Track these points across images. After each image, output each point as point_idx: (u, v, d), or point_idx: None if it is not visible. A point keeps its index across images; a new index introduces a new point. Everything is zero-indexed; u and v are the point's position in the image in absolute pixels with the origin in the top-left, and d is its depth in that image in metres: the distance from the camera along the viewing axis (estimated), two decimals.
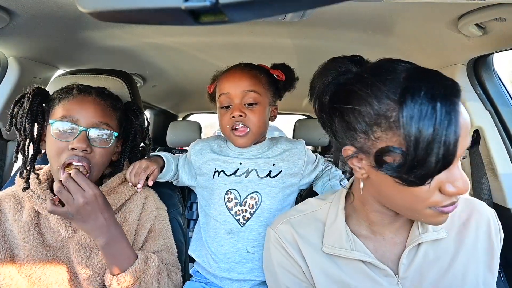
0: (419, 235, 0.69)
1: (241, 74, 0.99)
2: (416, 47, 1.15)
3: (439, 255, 0.71)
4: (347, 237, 0.72)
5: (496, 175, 1.10)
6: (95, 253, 0.89)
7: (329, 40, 1.24)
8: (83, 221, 0.79)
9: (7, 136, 1.28)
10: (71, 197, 0.77)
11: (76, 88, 0.91)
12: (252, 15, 0.24)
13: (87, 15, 0.25)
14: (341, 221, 0.74)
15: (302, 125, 2.40)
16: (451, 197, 0.58)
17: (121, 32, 1.19)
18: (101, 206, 0.81)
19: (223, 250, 1.00)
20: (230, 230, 1.00)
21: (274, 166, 1.04)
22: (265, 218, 1.00)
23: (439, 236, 0.69)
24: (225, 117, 0.99)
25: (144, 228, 0.96)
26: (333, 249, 0.72)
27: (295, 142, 1.11)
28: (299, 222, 0.79)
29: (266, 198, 1.01)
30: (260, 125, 1.00)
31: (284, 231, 0.79)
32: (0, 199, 0.92)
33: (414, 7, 0.88)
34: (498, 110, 1.13)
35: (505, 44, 0.95)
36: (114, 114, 0.94)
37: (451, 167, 0.54)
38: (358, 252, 0.71)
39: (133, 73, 1.77)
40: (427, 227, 0.70)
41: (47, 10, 0.90)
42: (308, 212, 0.80)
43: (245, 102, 0.97)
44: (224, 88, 0.99)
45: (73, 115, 0.86)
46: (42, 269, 0.86)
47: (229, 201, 1.01)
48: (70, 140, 0.84)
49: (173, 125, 2.47)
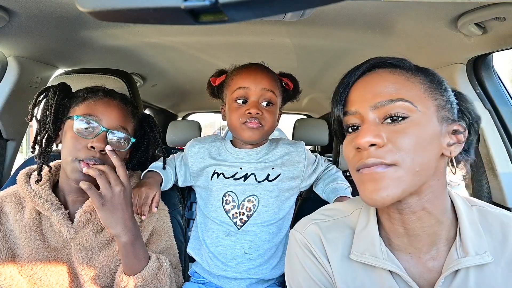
0: (458, 259, 0.59)
1: (262, 72, 1.00)
2: (416, 46, 1.15)
3: (482, 284, 0.59)
4: (379, 245, 0.64)
5: (495, 175, 1.10)
6: (96, 255, 0.89)
7: (328, 40, 1.24)
8: (112, 211, 0.78)
9: (6, 135, 1.28)
10: (109, 184, 0.78)
11: (102, 90, 0.94)
12: (252, 15, 0.24)
13: (87, 14, 0.25)
14: (373, 227, 0.66)
15: (302, 124, 2.40)
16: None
17: (120, 32, 1.19)
18: (129, 200, 0.83)
19: (221, 250, 1.00)
20: (227, 231, 1.00)
21: (273, 170, 1.04)
22: (262, 221, 1.00)
23: (483, 261, 0.58)
24: (239, 111, 0.98)
25: (146, 230, 0.96)
26: (362, 256, 0.65)
27: (295, 144, 1.11)
28: (328, 227, 0.72)
29: (263, 201, 1.01)
30: (272, 125, 1.01)
31: (313, 234, 0.72)
32: (1, 199, 0.91)
33: (413, 6, 0.88)
34: (497, 110, 1.13)
35: (505, 43, 0.95)
36: (133, 121, 0.97)
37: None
38: (390, 263, 0.62)
39: (133, 72, 1.77)
40: (467, 249, 0.59)
41: (46, 10, 0.90)
42: (338, 218, 0.73)
43: (262, 101, 0.99)
44: (244, 82, 0.99)
45: (97, 114, 0.87)
46: (43, 269, 0.86)
47: (227, 204, 1.01)
48: (90, 138, 0.85)
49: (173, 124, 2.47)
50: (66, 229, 0.86)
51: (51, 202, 0.87)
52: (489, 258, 0.59)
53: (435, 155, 0.58)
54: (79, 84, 1.02)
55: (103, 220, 0.79)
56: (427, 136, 0.56)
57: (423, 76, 0.61)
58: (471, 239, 0.60)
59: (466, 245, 0.59)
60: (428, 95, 0.59)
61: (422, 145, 0.56)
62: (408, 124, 0.56)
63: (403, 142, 0.55)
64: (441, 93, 0.60)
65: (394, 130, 0.56)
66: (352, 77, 0.63)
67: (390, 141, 0.56)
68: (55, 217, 0.86)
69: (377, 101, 0.58)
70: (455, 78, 1.15)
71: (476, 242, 0.60)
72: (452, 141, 0.60)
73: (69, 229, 0.87)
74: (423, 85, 0.59)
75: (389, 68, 0.61)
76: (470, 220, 0.62)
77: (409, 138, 0.55)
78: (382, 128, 0.57)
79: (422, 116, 0.57)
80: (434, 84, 0.61)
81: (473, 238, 0.60)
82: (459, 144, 0.61)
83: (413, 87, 0.59)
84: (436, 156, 0.58)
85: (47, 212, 0.87)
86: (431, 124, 0.57)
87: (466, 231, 0.60)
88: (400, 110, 0.56)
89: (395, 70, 0.61)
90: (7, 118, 1.24)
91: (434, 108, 0.59)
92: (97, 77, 1.09)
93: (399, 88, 0.58)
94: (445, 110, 0.60)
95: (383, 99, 0.57)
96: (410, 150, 0.55)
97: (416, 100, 0.57)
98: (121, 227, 0.80)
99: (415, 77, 0.60)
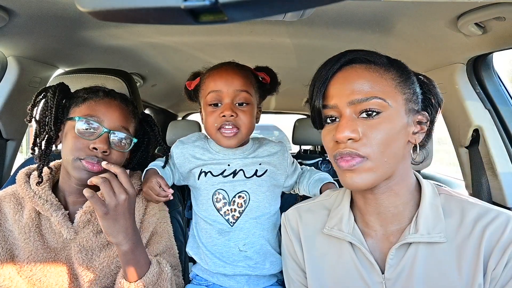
0: (408, 235, 0.66)
1: (233, 72, 0.97)
2: (416, 46, 1.15)
3: (432, 261, 0.66)
4: (347, 221, 0.74)
5: (495, 174, 1.10)
6: (97, 255, 0.89)
7: (328, 39, 1.24)
8: (115, 220, 0.77)
9: (6, 135, 1.28)
10: (113, 191, 0.77)
11: (102, 90, 0.93)
12: (252, 15, 0.24)
13: (87, 14, 0.25)
14: (345, 206, 0.76)
15: (302, 124, 2.41)
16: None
17: (120, 32, 1.19)
18: (133, 207, 0.82)
19: (216, 249, 1.00)
20: (220, 230, 1.00)
21: (260, 165, 1.04)
22: (254, 216, 1.00)
23: (431, 240, 0.65)
24: (213, 115, 0.96)
25: (147, 231, 0.96)
26: (331, 230, 0.75)
27: (278, 144, 1.12)
28: (307, 209, 0.85)
29: (254, 196, 1.01)
30: (249, 126, 0.98)
31: (290, 216, 0.86)
32: (0, 199, 0.91)
33: (413, 6, 0.88)
34: (497, 109, 1.13)
35: (505, 43, 0.95)
36: (133, 121, 0.96)
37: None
38: (352, 236, 0.71)
39: (133, 72, 1.77)
40: (418, 228, 0.66)
41: (46, 10, 0.90)
42: (317, 201, 0.85)
43: (236, 102, 0.96)
44: (215, 85, 0.96)
45: (98, 115, 0.87)
46: (42, 270, 0.85)
47: (218, 202, 1.00)
48: (91, 139, 0.85)
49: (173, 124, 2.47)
50: (66, 230, 0.86)
51: (51, 203, 0.87)
52: (441, 239, 0.65)
53: (403, 144, 0.66)
54: (79, 84, 1.01)
55: (104, 229, 0.78)
56: (396, 129, 0.64)
57: (394, 71, 0.67)
58: (426, 219, 0.66)
59: (419, 224, 0.66)
60: (399, 90, 0.66)
61: (392, 137, 0.64)
62: (381, 120, 0.63)
63: (376, 137, 0.63)
64: (409, 86, 0.67)
65: (368, 124, 0.64)
66: (331, 70, 0.68)
67: (365, 135, 0.63)
68: (55, 217, 0.86)
69: (354, 98, 0.64)
70: (455, 78, 1.15)
71: (432, 223, 0.66)
72: (416, 129, 0.68)
73: (69, 229, 0.86)
74: (394, 81, 0.66)
75: (364, 64, 0.67)
76: (432, 204, 0.69)
77: (381, 133, 0.63)
78: (359, 123, 0.64)
79: (392, 110, 0.64)
80: (403, 79, 0.67)
81: (428, 219, 0.67)
82: (422, 132, 0.69)
83: (386, 84, 0.65)
84: (403, 144, 0.66)
85: (47, 213, 0.86)
86: (400, 117, 0.65)
87: (423, 212, 0.67)
88: (374, 106, 0.63)
89: (370, 66, 0.67)
90: (7, 118, 1.24)
91: (403, 102, 0.66)
92: (97, 77, 1.09)
93: (373, 85, 0.64)
94: (412, 102, 0.67)
95: (359, 97, 0.64)
96: (381, 144, 0.63)
97: (388, 96, 0.64)
98: (122, 236, 0.79)
99: (387, 73, 0.66)
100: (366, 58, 0.67)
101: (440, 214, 0.67)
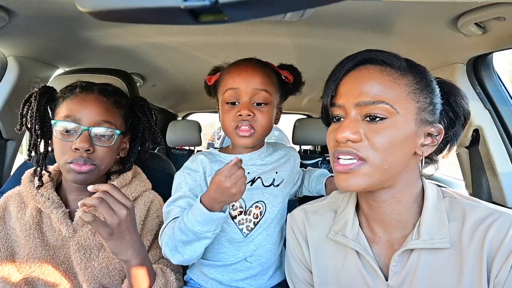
0: (411, 241, 0.65)
1: (253, 70, 0.91)
2: (416, 46, 1.15)
3: (435, 267, 0.64)
4: (351, 226, 0.72)
5: (495, 174, 1.10)
6: (95, 255, 0.89)
7: (328, 39, 1.24)
8: (121, 238, 0.74)
9: (6, 135, 1.28)
10: (112, 210, 0.73)
11: (79, 86, 0.90)
12: (252, 14, 0.24)
13: (87, 14, 0.25)
14: (350, 211, 0.74)
15: (302, 124, 2.41)
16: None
17: (120, 32, 1.19)
18: (134, 220, 0.79)
19: (222, 257, 0.96)
20: (232, 240, 0.95)
21: (277, 174, 1.00)
22: (267, 228, 0.97)
23: (433, 246, 0.63)
24: (230, 113, 0.92)
25: (149, 234, 0.95)
26: (336, 236, 0.74)
27: (290, 149, 1.09)
28: (313, 211, 0.82)
29: (270, 208, 0.97)
30: (267, 127, 0.94)
31: (297, 218, 0.83)
32: (7, 198, 0.93)
33: (413, 6, 0.88)
34: (497, 109, 1.13)
35: (505, 43, 0.95)
36: (117, 112, 0.92)
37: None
38: (355, 243, 0.70)
39: (133, 72, 1.77)
40: (420, 234, 0.64)
41: (46, 10, 0.90)
42: (325, 203, 0.83)
43: (255, 101, 0.91)
44: (233, 83, 0.91)
45: (75, 114, 0.85)
46: (41, 268, 0.86)
47: (234, 209, 0.96)
48: (73, 140, 0.84)
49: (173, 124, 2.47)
50: (65, 227, 0.86)
51: (52, 200, 0.88)
52: (444, 244, 0.63)
53: (407, 154, 0.63)
54: None
55: (112, 249, 0.75)
56: (401, 137, 0.61)
57: (412, 77, 0.64)
58: (429, 225, 0.65)
59: (421, 230, 0.65)
60: (412, 97, 0.62)
61: (395, 145, 0.61)
62: (385, 125, 0.61)
63: (378, 141, 0.61)
64: (426, 95, 0.63)
65: (371, 128, 0.62)
66: (344, 68, 0.67)
67: (367, 138, 0.62)
68: (55, 214, 0.86)
69: (361, 100, 0.62)
70: (455, 78, 1.15)
71: (435, 228, 0.64)
72: (426, 142, 0.65)
73: (68, 227, 0.86)
74: (409, 87, 0.62)
75: (379, 66, 0.64)
76: (436, 209, 0.66)
77: (383, 138, 0.61)
78: (362, 125, 0.62)
79: (400, 118, 0.61)
80: (420, 86, 0.63)
81: (431, 224, 0.65)
82: (431, 146, 0.66)
83: (398, 89, 0.62)
84: (408, 154, 0.64)
85: (48, 210, 0.87)
86: (408, 126, 0.62)
87: (426, 218, 0.65)
88: (380, 111, 0.61)
89: (385, 68, 0.64)
90: (7, 118, 1.24)
91: (414, 110, 0.62)
92: (97, 77, 1.09)
93: (383, 90, 0.62)
94: (426, 113, 0.63)
95: (366, 99, 0.62)
96: (383, 149, 0.61)
97: (397, 103, 0.61)
98: (131, 252, 0.77)
99: (402, 78, 0.63)
100: (383, 59, 0.64)
101: (444, 218, 0.65)
